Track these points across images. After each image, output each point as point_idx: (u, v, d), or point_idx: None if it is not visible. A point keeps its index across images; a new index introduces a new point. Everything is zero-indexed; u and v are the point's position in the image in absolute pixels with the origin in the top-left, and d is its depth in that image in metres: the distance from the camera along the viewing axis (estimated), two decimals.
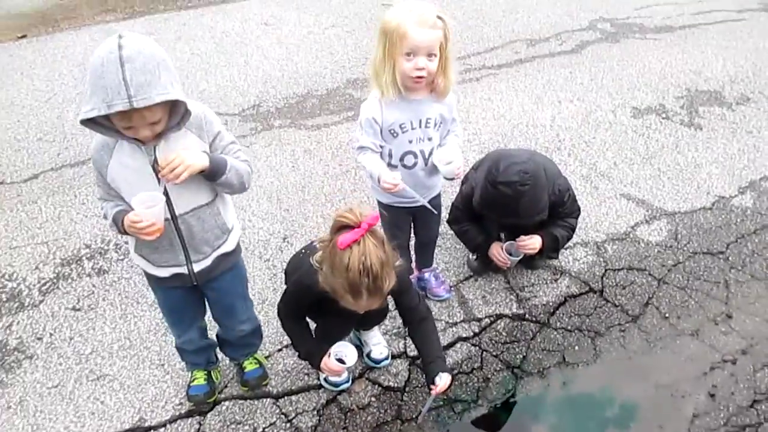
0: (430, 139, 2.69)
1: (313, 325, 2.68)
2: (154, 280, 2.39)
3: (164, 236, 2.12)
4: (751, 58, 5.70)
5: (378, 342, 2.93)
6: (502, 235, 3.27)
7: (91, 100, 1.83)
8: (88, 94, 1.84)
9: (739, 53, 5.77)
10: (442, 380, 2.46)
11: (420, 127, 2.64)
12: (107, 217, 2.17)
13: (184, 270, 2.32)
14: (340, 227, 2.11)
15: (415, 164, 2.72)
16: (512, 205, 2.90)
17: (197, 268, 2.33)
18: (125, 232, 2.12)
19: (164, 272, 2.32)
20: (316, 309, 2.50)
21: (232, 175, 2.16)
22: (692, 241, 3.62)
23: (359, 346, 2.95)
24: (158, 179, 2.09)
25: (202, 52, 6.02)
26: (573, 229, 3.22)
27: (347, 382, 2.81)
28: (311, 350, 2.53)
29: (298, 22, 6.57)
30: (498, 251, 3.16)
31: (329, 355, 2.47)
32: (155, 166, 2.06)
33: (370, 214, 2.10)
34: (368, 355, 2.91)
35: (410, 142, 2.66)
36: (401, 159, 2.69)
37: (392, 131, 2.63)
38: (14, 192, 4.19)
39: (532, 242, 3.10)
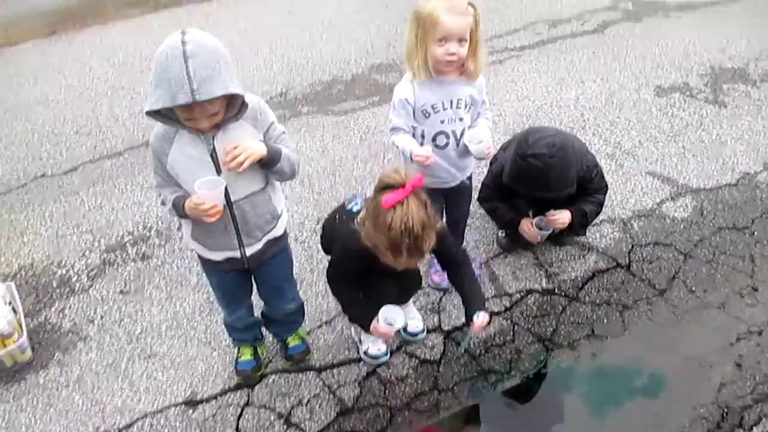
0: (461, 120, 2.80)
1: None
2: (208, 264, 2.53)
3: (219, 221, 2.25)
4: None
5: (414, 316, 3.06)
6: (530, 213, 3.37)
7: (155, 93, 1.96)
8: (153, 87, 1.97)
9: (763, 30, 5.75)
10: (480, 318, 2.56)
11: (451, 107, 2.74)
12: (166, 203, 2.30)
13: (236, 254, 2.46)
14: (384, 186, 2.21)
15: (446, 144, 2.82)
16: (542, 178, 2.98)
17: (249, 252, 2.46)
18: (185, 216, 2.26)
19: (218, 256, 2.46)
20: (362, 275, 2.58)
21: (285, 163, 2.29)
22: (717, 217, 3.69)
23: None
24: (216, 167, 2.22)
25: (228, 43, 6.01)
26: (601, 205, 3.30)
27: (386, 355, 2.94)
28: (361, 313, 2.61)
29: (321, 10, 6.65)
30: (528, 226, 3.26)
31: (377, 320, 2.54)
32: (213, 155, 2.19)
33: (415, 176, 2.19)
34: (405, 329, 3.04)
35: (442, 122, 2.77)
36: (433, 139, 2.80)
37: (424, 111, 2.74)
38: (56, 184, 4.36)
39: (562, 216, 3.17)
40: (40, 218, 4.01)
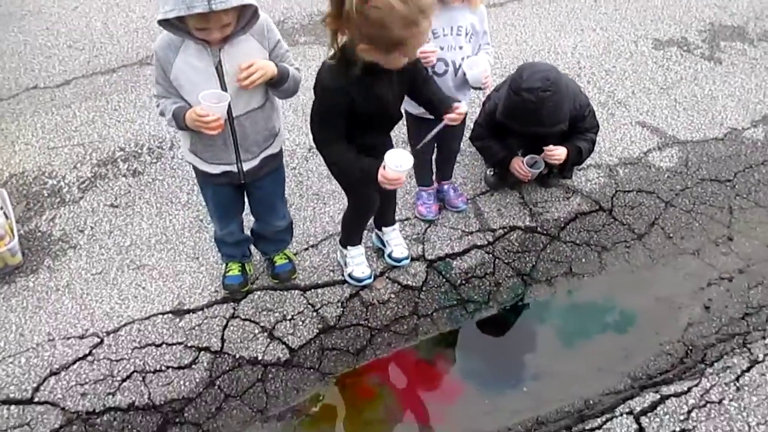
0: (461, 48, 2.82)
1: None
2: (204, 176, 2.57)
3: (219, 135, 2.29)
4: None
5: (399, 243, 3.14)
6: (521, 153, 3.42)
7: (170, 1, 1.98)
8: None
9: None
10: (462, 107, 2.48)
11: (452, 34, 2.76)
12: (165, 113, 2.32)
13: (234, 168, 2.50)
14: None
15: (445, 72, 2.85)
16: (535, 113, 3.01)
17: (246, 167, 2.52)
18: (184, 128, 2.29)
19: (215, 169, 2.51)
20: (347, 124, 2.40)
21: (291, 83, 2.34)
22: (701, 169, 3.76)
23: (382, 248, 3.16)
24: (221, 80, 2.25)
25: None
26: (593, 143, 3.34)
27: (370, 278, 3.03)
28: (365, 166, 2.40)
29: None
30: (519, 164, 3.31)
31: (384, 167, 2.34)
32: (219, 68, 2.22)
33: None
34: (389, 255, 3.12)
35: (442, 48, 2.79)
36: (433, 66, 2.82)
37: None
38: (48, 96, 4.34)
39: (558, 151, 3.20)
40: (31, 129, 4.00)
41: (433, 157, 3.36)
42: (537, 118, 3.03)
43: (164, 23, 2.08)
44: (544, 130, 3.09)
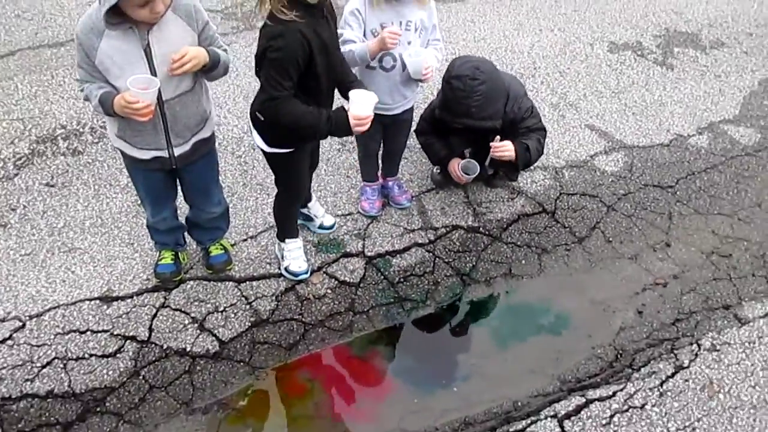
0: (409, 43, 2.79)
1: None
2: (134, 162, 2.50)
3: (149, 120, 2.23)
4: (733, 3, 5.76)
5: (324, 213, 3.21)
6: (467, 153, 3.41)
7: None
8: None
9: None
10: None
11: (401, 28, 2.73)
12: (90, 98, 2.24)
13: (164, 154, 2.44)
14: None
15: (393, 67, 2.83)
16: (463, 102, 2.98)
17: (178, 152, 2.46)
18: (112, 114, 2.22)
19: (146, 155, 2.44)
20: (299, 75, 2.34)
21: (221, 68, 2.33)
22: (645, 174, 3.81)
23: (311, 220, 3.19)
24: (150, 63, 2.19)
25: None
26: (542, 145, 3.28)
27: (306, 273, 3.00)
28: (330, 115, 2.36)
29: None
30: (455, 167, 3.30)
31: (354, 109, 2.32)
32: (147, 50, 2.17)
33: None
34: (320, 226, 3.18)
35: None
36: (380, 60, 2.80)
37: (373, 31, 2.74)
38: None
39: (505, 145, 3.11)
40: None
41: (379, 152, 3.34)
42: (465, 108, 2.99)
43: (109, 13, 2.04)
44: (472, 122, 3.04)
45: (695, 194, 3.76)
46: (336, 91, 2.60)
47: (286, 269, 3.00)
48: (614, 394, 2.69)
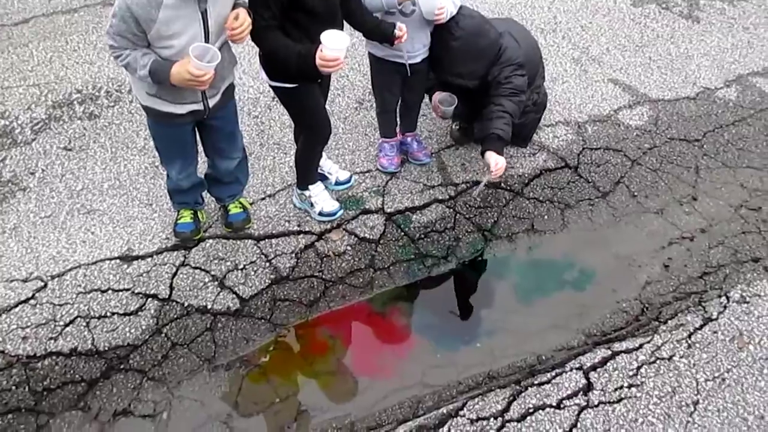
0: None
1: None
2: (167, 118, 2.46)
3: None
4: None
5: (338, 169, 3.19)
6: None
7: None
8: None
9: None
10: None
11: None
12: (135, 67, 2.20)
13: (200, 106, 2.44)
14: None
15: (413, 12, 2.76)
16: (441, 54, 2.92)
17: (212, 102, 2.47)
18: (164, 83, 2.23)
19: (181, 109, 2.43)
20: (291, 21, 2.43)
21: None
22: (671, 128, 3.71)
23: (326, 179, 3.15)
24: (204, 25, 2.22)
25: None
26: (511, 113, 2.97)
27: (341, 210, 3.04)
28: (302, 51, 2.38)
29: None
30: (435, 100, 3.12)
31: (321, 49, 2.31)
32: (204, 13, 2.20)
33: None
34: (336, 182, 3.16)
35: None
36: (399, 3, 2.72)
37: None
38: (5, 34, 4.16)
39: (498, 167, 2.88)
40: None
41: (397, 107, 3.27)
42: (437, 60, 2.94)
43: None
44: (444, 76, 2.97)
45: (723, 147, 3.65)
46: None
47: (320, 213, 3.00)
48: (641, 346, 2.64)
